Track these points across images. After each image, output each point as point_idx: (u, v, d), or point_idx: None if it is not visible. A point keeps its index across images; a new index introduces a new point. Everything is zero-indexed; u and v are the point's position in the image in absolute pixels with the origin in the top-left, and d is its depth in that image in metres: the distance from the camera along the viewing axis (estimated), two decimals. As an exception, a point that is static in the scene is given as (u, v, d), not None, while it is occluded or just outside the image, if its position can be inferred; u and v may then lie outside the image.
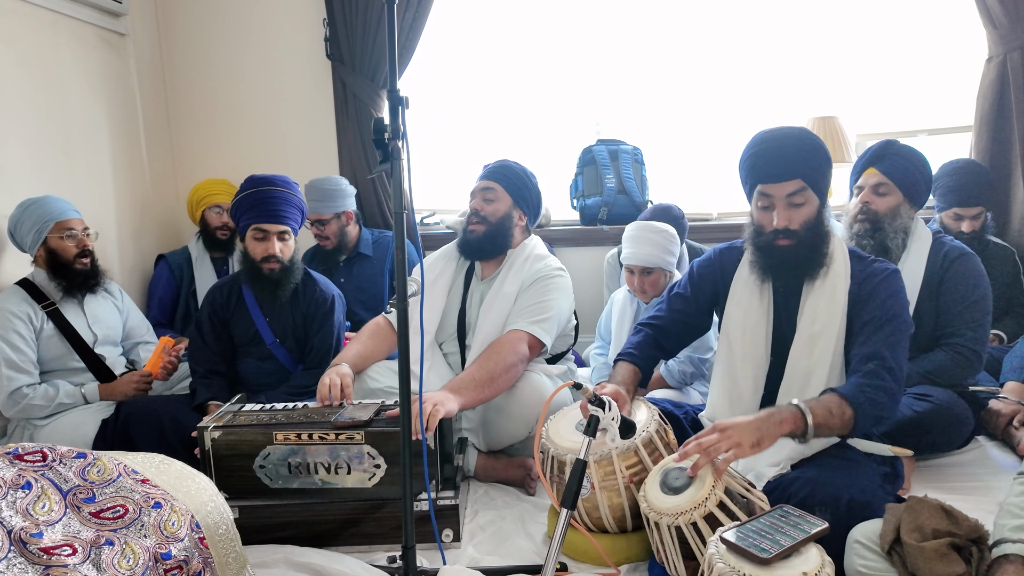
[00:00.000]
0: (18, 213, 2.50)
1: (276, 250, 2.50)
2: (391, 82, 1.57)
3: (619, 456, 1.82)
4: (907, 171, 2.36)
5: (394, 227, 1.60)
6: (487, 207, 2.49)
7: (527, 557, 1.94)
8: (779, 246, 1.89)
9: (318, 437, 1.98)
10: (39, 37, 3.01)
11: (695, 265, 2.16)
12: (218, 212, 3.34)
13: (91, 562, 1.33)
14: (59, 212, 2.51)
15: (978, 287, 2.32)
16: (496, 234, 2.49)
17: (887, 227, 2.36)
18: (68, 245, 2.53)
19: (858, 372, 1.76)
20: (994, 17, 3.24)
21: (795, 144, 1.85)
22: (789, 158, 1.83)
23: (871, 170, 2.41)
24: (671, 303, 2.15)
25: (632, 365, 2.07)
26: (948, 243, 2.39)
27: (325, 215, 3.23)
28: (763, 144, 1.88)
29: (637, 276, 2.65)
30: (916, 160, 2.38)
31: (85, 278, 2.58)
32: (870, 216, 2.38)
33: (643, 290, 2.66)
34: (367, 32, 3.58)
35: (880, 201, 2.38)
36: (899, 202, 2.37)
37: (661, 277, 2.65)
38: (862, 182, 2.44)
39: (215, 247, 3.36)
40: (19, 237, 2.52)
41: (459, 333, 2.53)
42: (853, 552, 1.53)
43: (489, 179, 2.52)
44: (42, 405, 2.43)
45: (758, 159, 1.88)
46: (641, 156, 3.82)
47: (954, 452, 2.39)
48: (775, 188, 1.86)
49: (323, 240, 3.28)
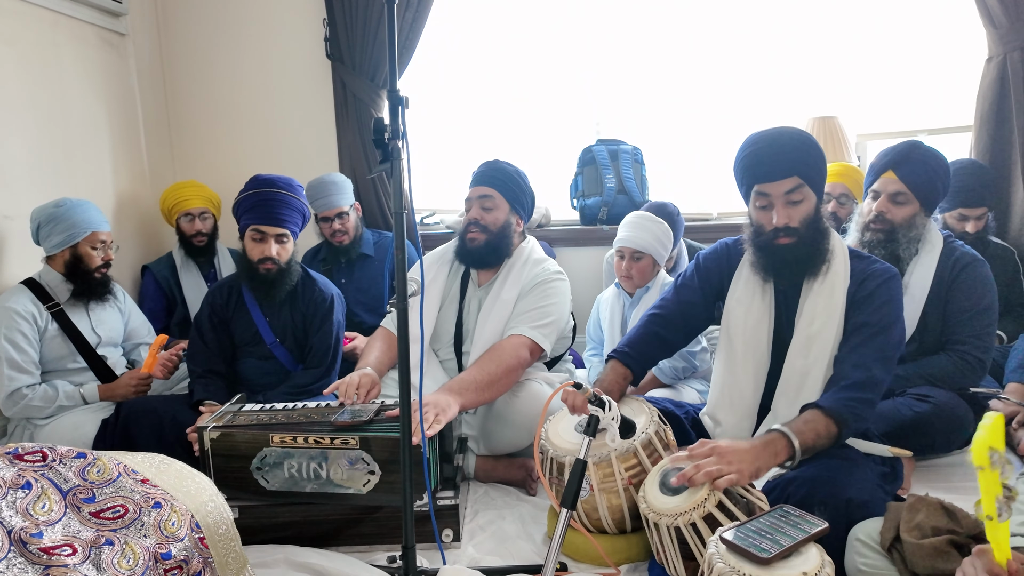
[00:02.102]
0: (54, 210, 2.48)
1: (273, 252, 2.49)
2: (391, 82, 1.57)
3: (618, 458, 1.82)
4: (929, 179, 2.28)
5: (394, 227, 1.60)
6: (487, 216, 2.45)
7: (527, 557, 1.94)
8: (780, 244, 1.89)
9: (313, 441, 1.96)
10: (39, 37, 3.01)
11: (701, 256, 2.13)
12: (189, 220, 3.26)
13: (91, 562, 1.33)
14: (96, 223, 2.53)
15: (986, 296, 2.30)
16: (498, 243, 2.46)
17: (901, 238, 2.30)
18: (96, 255, 2.55)
19: (845, 382, 1.76)
20: (994, 17, 3.24)
21: (789, 142, 1.85)
22: (784, 156, 1.83)
23: (891, 175, 2.31)
24: (677, 292, 2.11)
25: (623, 367, 2.04)
26: (959, 249, 2.36)
27: (344, 207, 3.22)
28: (757, 144, 1.88)
29: (627, 260, 2.66)
30: (939, 167, 2.29)
31: (100, 285, 2.59)
32: (885, 226, 2.31)
33: (629, 275, 2.67)
34: (367, 32, 3.58)
35: (897, 211, 2.30)
36: (915, 211, 2.30)
37: (650, 266, 2.66)
38: (879, 187, 2.34)
39: (195, 254, 3.30)
40: (45, 233, 2.49)
41: (455, 339, 2.52)
42: (854, 550, 1.53)
43: (486, 185, 2.47)
44: (41, 406, 2.43)
45: (753, 159, 1.88)
46: (641, 156, 3.82)
47: (954, 452, 2.39)
48: (772, 187, 1.86)
49: (342, 236, 3.22)
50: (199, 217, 3.27)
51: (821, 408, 1.72)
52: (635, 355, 2.06)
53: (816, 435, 1.68)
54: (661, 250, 2.67)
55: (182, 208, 3.27)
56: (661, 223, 2.68)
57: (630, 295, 2.73)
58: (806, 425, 1.69)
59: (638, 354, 2.06)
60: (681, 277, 2.14)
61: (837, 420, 1.70)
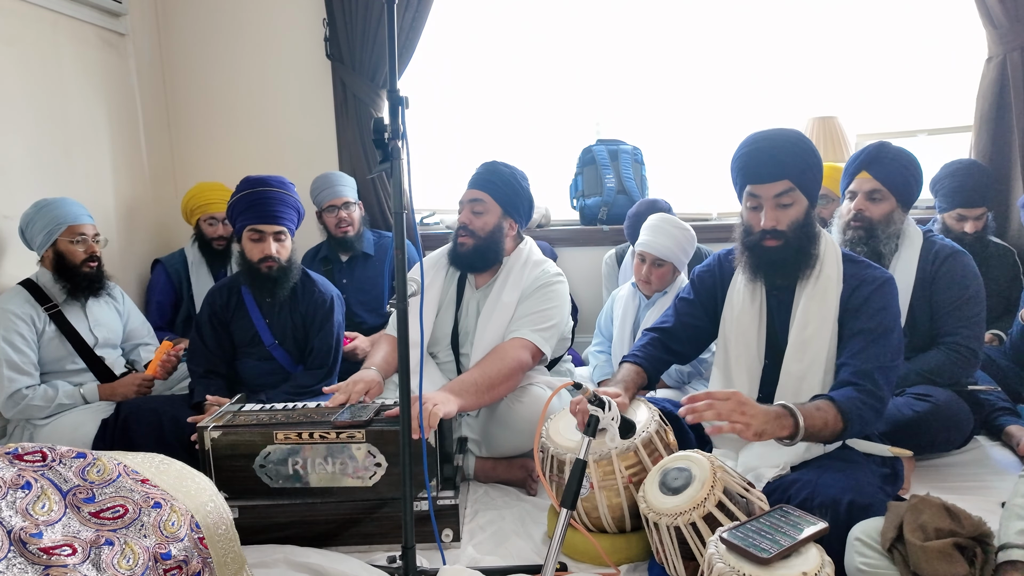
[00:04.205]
0: (32, 211, 2.50)
1: (272, 251, 2.49)
2: (391, 82, 1.57)
3: (618, 456, 1.82)
4: (902, 176, 2.34)
5: (394, 227, 1.60)
6: (476, 220, 2.42)
7: (527, 557, 1.94)
8: (766, 246, 1.90)
9: (319, 436, 1.98)
10: (39, 37, 3.01)
11: (696, 271, 2.17)
12: (212, 224, 3.27)
13: (91, 562, 1.33)
14: (72, 216, 2.51)
15: (970, 285, 2.32)
16: (486, 248, 2.43)
17: (880, 234, 2.35)
18: (77, 250, 2.53)
19: (854, 384, 1.76)
20: (994, 17, 3.24)
21: (784, 145, 1.85)
22: (778, 159, 1.84)
23: (864, 175, 2.37)
24: (677, 308, 2.17)
25: (636, 366, 2.07)
26: (939, 242, 2.39)
27: (350, 198, 3.24)
28: (753, 145, 1.88)
29: (648, 265, 2.64)
30: (909, 163, 2.36)
31: (90, 281, 2.57)
32: (864, 223, 2.36)
33: (648, 281, 2.65)
34: (367, 32, 3.58)
35: (874, 208, 2.36)
36: (892, 208, 2.36)
37: (670, 272, 2.65)
38: (855, 187, 2.41)
39: (211, 256, 3.30)
40: (29, 235, 2.51)
41: (453, 342, 2.51)
42: (854, 550, 1.53)
43: (478, 189, 2.43)
44: (41, 406, 2.43)
45: (747, 159, 1.88)
46: (641, 156, 3.82)
47: (954, 452, 2.39)
48: (763, 189, 1.87)
49: (346, 226, 3.23)
50: (223, 222, 3.27)
51: (833, 401, 1.72)
52: (645, 357, 2.10)
53: (824, 423, 1.68)
54: (683, 257, 2.65)
55: (207, 211, 3.26)
56: (686, 229, 2.65)
57: (647, 297, 2.73)
58: (817, 411, 1.69)
59: (647, 357, 2.10)
60: (681, 293, 2.19)
61: (845, 416, 1.70)
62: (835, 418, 1.69)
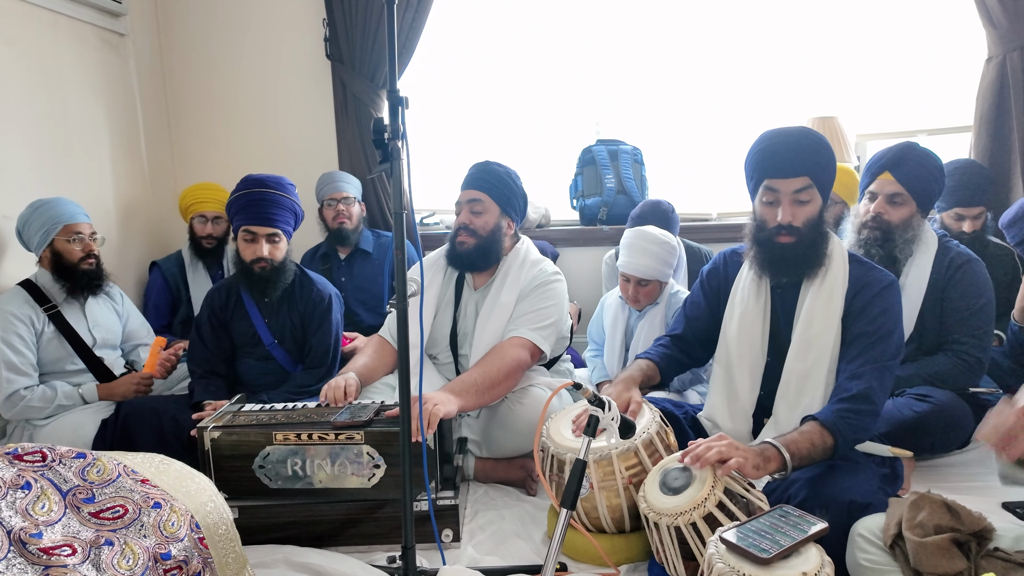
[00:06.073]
0: (28, 212, 2.50)
1: (264, 252, 2.48)
2: (391, 82, 1.57)
3: (619, 456, 1.82)
4: (925, 181, 2.29)
5: (394, 227, 1.60)
6: (476, 220, 2.43)
7: (527, 557, 1.94)
8: (780, 243, 1.89)
9: (318, 437, 1.98)
10: (39, 37, 3.01)
11: (703, 273, 2.18)
12: (202, 222, 3.26)
13: (91, 562, 1.33)
14: (68, 215, 2.51)
15: (982, 295, 2.31)
16: (487, 248, 2.44)
17: (898, 239, 2.30)
18: (74, 248, 2.52)
19: (843, 395, 1.76)
20: (994, 17, 3.24)
21: (805, 143, 1.85)
22: (799, 155, 1.84)
23: (887, 176, 2.31)
24: (687, 314, 2.18)
25: (649, 361, 2.09)
26: (954, 248, 2.36)
27: (352, 194, 3.29)
28: (774, 140, 1.88)
29: (632, 285, 2.61)
30: (934, 168, 2.30)
31: (90, 279, 2.57)
32: (882, 226, 2.31)
33: (636, 299, 2.63)
34: (367, 32, 3.58)
35: (894, 212, 2.31)
36: (912, 212, 2.31)
37: (656, 288, 2.62)
38: (876, 188, 2.35)
39: (203, 255, 3.29)
40: (27, 236, 2.51)
41: (452, 343, 2.51)
42: (855, 546, 1.53)
43: (475, 189, 2.45)
44: (40, 407, 2.43)
45: (768, 153, 1.87)
46: (641, 156, 3.82)
47: (954, 452, 2.39)
48: (783, 183, 1.86)
49: (344, 218, 3.27)
50: (212, 221, 3.27)
51: (817, 420, 1.73)
52: (658, 356, 2.11)
53: (811, 445, 1.68)
54: (667, 270, 2.60)
55: (197, 209, 3.27)
56: (665, 243, 2.58)
57: (638, 310, 2.71)
58: (801, 436, 1.70)
59: (660, 356, 2.11)
60: (689, 297, 2.20)
61: (832, 431, 1.70)
62: (821, 435, 1.70)
